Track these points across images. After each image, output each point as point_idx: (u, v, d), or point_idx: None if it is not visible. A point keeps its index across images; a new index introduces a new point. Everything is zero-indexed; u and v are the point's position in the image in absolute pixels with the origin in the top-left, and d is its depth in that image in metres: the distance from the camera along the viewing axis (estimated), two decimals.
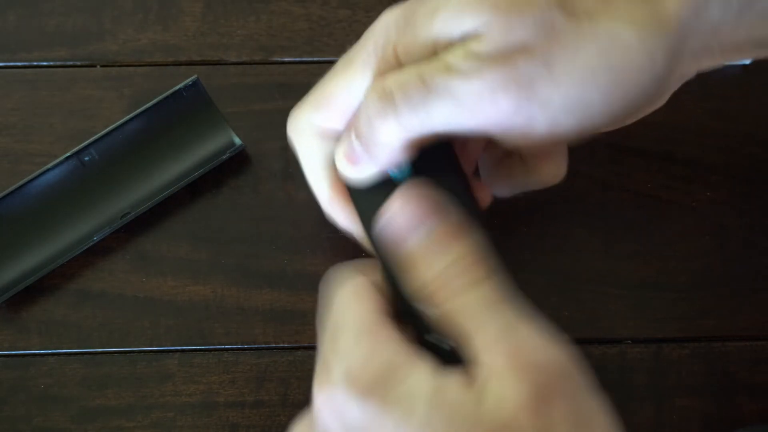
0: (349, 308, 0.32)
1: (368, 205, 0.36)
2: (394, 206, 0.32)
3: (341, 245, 0.45)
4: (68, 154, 0.44)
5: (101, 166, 0.45)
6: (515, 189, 0.40)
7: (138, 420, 0.43)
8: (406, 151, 0.35)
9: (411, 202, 0.32)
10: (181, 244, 0.45)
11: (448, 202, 0.33)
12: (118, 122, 0.45)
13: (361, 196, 0.37)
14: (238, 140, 0.46)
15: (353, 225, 0.38)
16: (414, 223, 0.32)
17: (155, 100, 0.45)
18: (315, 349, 0.44)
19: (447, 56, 0.33)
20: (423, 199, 0.32)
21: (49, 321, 0.44)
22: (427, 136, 0.34)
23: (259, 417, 0.43)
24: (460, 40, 0.33)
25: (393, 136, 0.34)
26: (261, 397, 0.43)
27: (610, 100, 0.34)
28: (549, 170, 0.38)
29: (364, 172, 0.36)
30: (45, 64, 0.48)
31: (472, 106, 0.33)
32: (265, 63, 0.48)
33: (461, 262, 0.31)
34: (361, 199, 0.37)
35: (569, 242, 0.45)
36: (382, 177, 0.36)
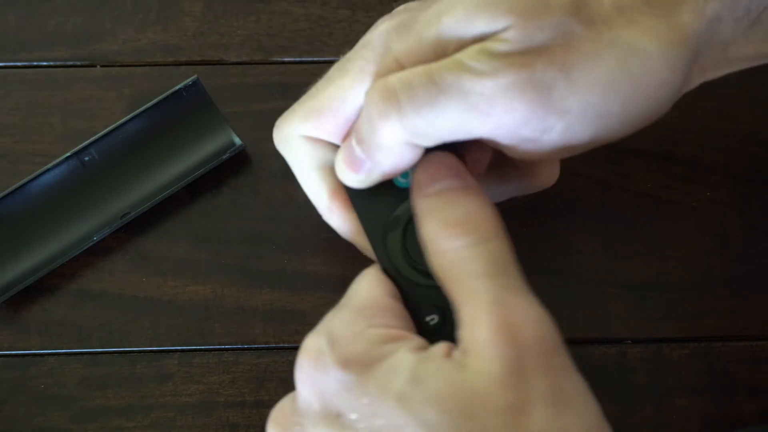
0: (360, 287, 0.33)
1: (370, 210, 0.35)
2: (421, 164, 0.33)
3: (341, 245, 0.44)
4: (68, 154, 0.44)
5: (101, 166, 0.45)
6: (506, 194, 0.39)
7: (138, 420, 0.43)
8: (411, 156, 0.33)
9: (440, 162, 0.33)
10: (181, 244, 0.45)
11: (466, 170, 0.33)
12: (118, 122, 0.45)
13: (362, 201, 0.36)
14: (238, 140, 0.46)
15: (353, 232, 0.37)
16: (434, 179, 0.33)
17: (155, 100, 0.45)
18: None
19: (459, 55, 0.32)
20: (450, 163, 0.33)
21: (49, 321, 0.44)
22: (431, 142, 0.33)
23: (259, 417, 0.43)
24: (471, 43, 0.32)
25: (395, 139, 0.33)
26: (261, 397, 0.43)
27: (629, 110, 0.33)
28: (542, 174, 0.38)
29: (366, 179, 0.35)
30: (45, 64, 0.48)
31: (484, 109, 0.32)
32: (265, 63, 0.48)
33: (468, 217, 0.31)
34: (362, 205, 0.36)
35: (569, 242, 0.45)
36: (385, 182, 0.35)
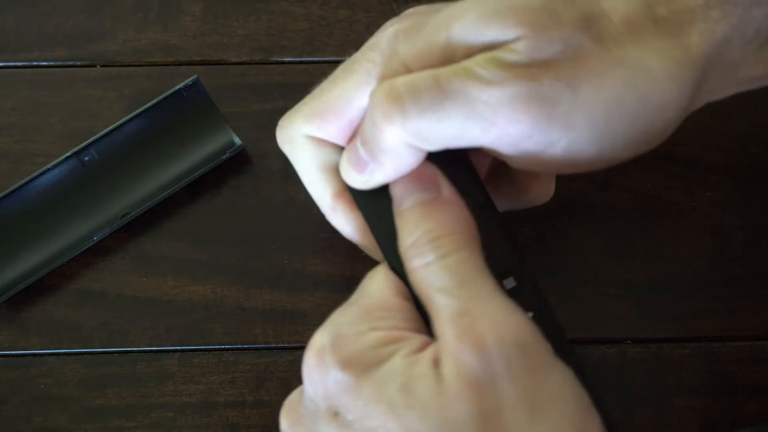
0: (371, 285, 0.33)
1: (375, 211, 0.35)
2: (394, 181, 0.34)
3: (341, 245, 0.44)
4: (68, 154, 0.44)
5: (101, 166, 0.45)
6: (499, 207, 0.38)
7: (138, 420, 0.43)
8: (414, 159, 0.33)
9: (413, 173, 0.33)
10: (181, 244, 0.45)
11: (444, 179, 0.33)
12: (118, 122, 0.45)
13: (367, 201, 0.35)
14: (238, 140, 0.46)
15: (356, 233, 0.37)
16: (408, 191, 0.33)
17: (155, 100, 0.45)
18: None
19: (467, 62, 0.32)
20: (421, 173, 0.33)
21: (49, 321, 0.44)
22: (434, 146, 0.33)
23: (259, 417, 0.43)
24: (480, 50, 0.32)
25: (398, 142, 0.32)
26: (261, 397, 0.43)
27: (634, 129, 0.33)
28: (537, 190, 0.38)
29: (370, 180, 0.34)
30: (45, 64, 0.48)
31: (488, 117, 0.31)
32: (265, 63, 0.48)
33: (431, 233, 0.32)
34: (367, 205, 0.36)
35: (569, 242, 0.45)
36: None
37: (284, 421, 0.34)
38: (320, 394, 0.31)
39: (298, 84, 0.39)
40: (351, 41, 0.45)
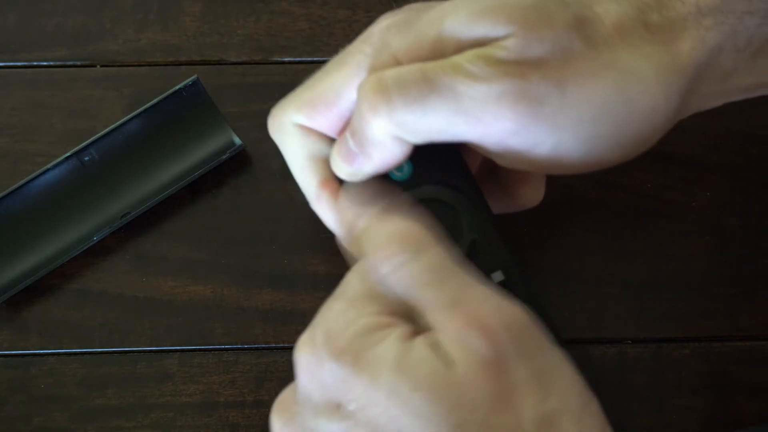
0: (353, 277, 0.33)
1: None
2: (345, 192, 0.35)
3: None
4: (68, 154, 0.44)
5: (101, 166, 0.45)
6: None
7: (138, 420, 0.43)
8: (400, 151, 0.34)
9: (357, 194, 0.34)
10: (181, 244, 0.45)
11: (387, 188, 0.34)
12: (118, 122, 0.45)
13: None
14: (238, 140, 0.46)
15: (342, 226, 0.37)
16: (361, 210, 0.33)
17: (155, 100, 0.45)
18: None
19: (456, 57, 0.32)
20: (367, 186, 0.34)
21: (49, 321, 0.44)
22: (419, 139, 0.33)
23: (259, 417, 0.43)
24: (470, 46, 0.32)
25: (384, 133, 0.33)
26: (261, 397, 0.43)
27: (621, 134, 0.33)
28: (526, 194, 0.38)
29: (359, 172, 0.35)
30: (45, 64, 0.48)
31: (474, 113, 0.32)
32: (265, 63, 0.48)
33: (396, 237, 0.31)
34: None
35: (569, 242, 0.45)
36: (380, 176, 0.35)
37: (277, 421, 0.33)
38: (317, 389, 0.31)
39: (298, 84, 0.39)
40: (351, 41, 0.44)
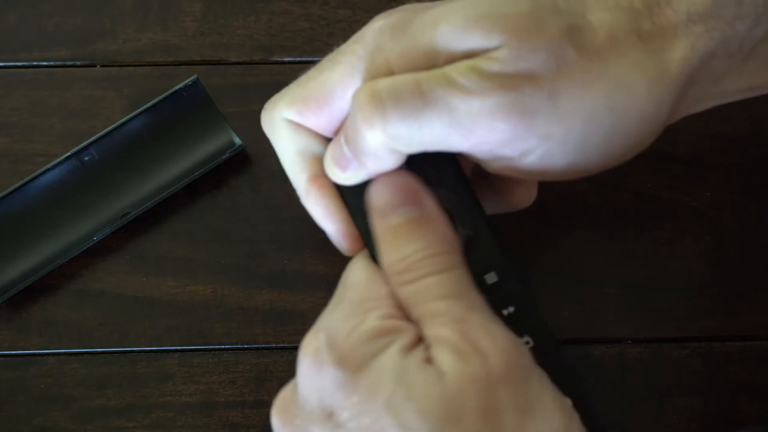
0: (353, 277, 0.33)
1: (358, 203, 0.35)
2: (379, 182, 0.34)
3: None
4: (68, 154, 0.44)
5: (101, 166, 0.45)
6: None
7: (138, 420, 0.43)
8: (394, 160, 0.34)
9: (397, 184, 0.33)
10: (181, 244, 0.45)
11: (429, 195, 0.33)
12: (118, 122, 0.45)
13: (350, 193, 0.36)
14: (238, 140, 0.46)
15: (327, 219, 0.37)
16: (395, 204, 0.33)
17: (155, 100, 0.45)
18: None
19: (449, 69, 0.32)
20: (406, 185, 0.33)
21: (49, 321, 0.44)
22: (413, 150, 0.33)
23: (259, 417, 0.43)
24: (463, 56, 0.32)
25: (378, 144, 0.33)
26: (261, 397, 0.43)
27: (609, 143, 0.33)
28: (518, 195, 0.38)
29: (353, 178, 0.35)
30: (45, 64, 0.48)
31: (468, 126, 0.32)
32: (265, 63, 0.48)
33: (428, 251, 0.32)
34: (350, 197, 0.36)
35: (569, 242, 0.45)
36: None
37: (276, 421, 0.33)
38: (314, 394, 0.31)
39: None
40: None
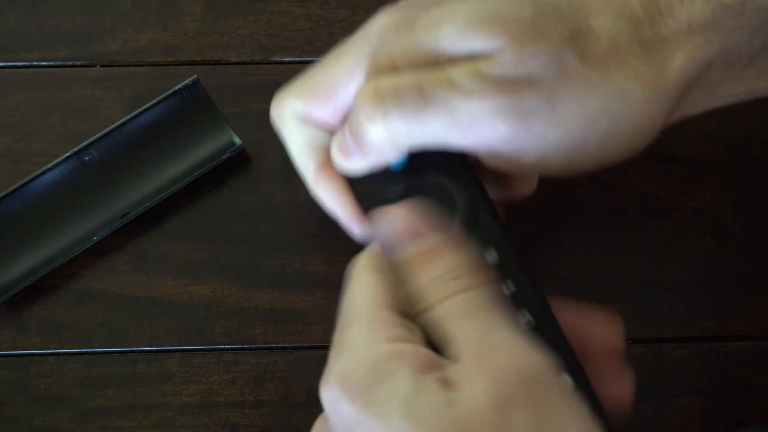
0: (358, 303, 0.33)
1: (365, 190, 0.37)
2: (396, 217, 0.33)
3: (341, 245, 0.44)
4: (68, 154, 0.44)
5: (101, 166, 0.45)
6: None
7: (138, 420, 0.43)
8: (396, 153, 0.35)
9: (417, 212, 0.33)
10: (181, 244, 0.45)
11: (447, 218, 0.34)
12: (118, 122, 0.45)
13: (357, 181, 0.37)
14: (238, 140, 0.46)
15: (336, 206, 0.38)
16: (419, 231, 0.33)
17: (155, 100, 0.45)
18: (315, 349, 0.44)
19: (451, 70, 0.33)
20: (420, 215, 0.33)
21: (49, 321, 0.44)
22: (414, 146, 0.34)
23: (259, 417, 0.43)
24: (465, 57, 0.33)
25: (380, 140, 0.34)
26: (261, 397, 0.43)
27: (604, 148, 0.34)
28: (519, 186, 0.38)
29: (357, 167, 0.36)
30: (45, 64, 0.48)
31: (468, 126, 0.33)
32: (265, 63, 0.48)
33: (451, 272, 0.32)
34: (357, 185, 0.37)
35: (569, 242, 0.45)
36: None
37: None
38: (339, 426, 0.31)
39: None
40: None
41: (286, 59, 0.49)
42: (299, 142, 0.38)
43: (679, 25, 0.33)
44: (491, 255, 0.34)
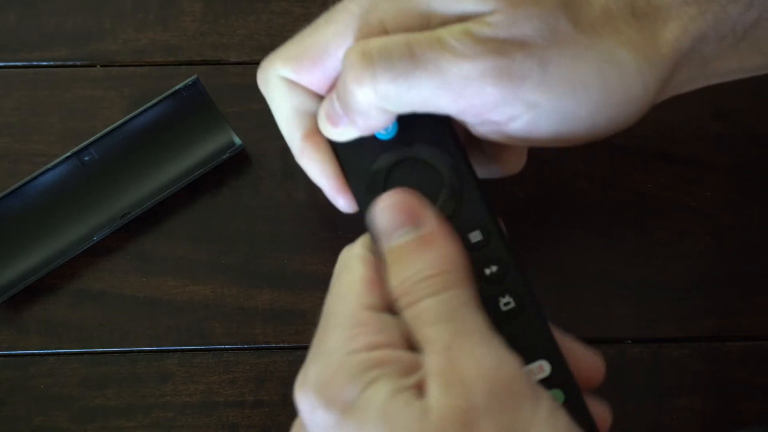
0: (340, 304, 0.32)
1: (352, 161, 0.36)
2: (379, 205, 0.33)
3: (341, 245, 0.44)
4: (68, 154, 0.44)
5: (101, 166, 0.45)
6: None
7: (138, 420, 0.43)
8: (384, 119, 0.34)
9: (396, 205, 0.33)
10: (181, 244, 0.45)
11: (430, 209, 0.33)
12: (118, 122, 0.45)
13: (344, 151, 0.36)
14: (238, 140, 0.46)
15: (322, 176, 0.37)
16: (394, 226, 0.32)
17: (155, 100, 0.45)
18: None
19: (442, 32, 0.32)
20: (406, 205, 0.32)
21: (49, 321, 0.44)
22: (402, 110, 0.33)
23: (259, 417, 0.43)
24: (456, 19, 0.33)
25: (368, 103, 0.33)
26: (261, 397, 0.43)
27: (595, 116, 0.34)
28: (507, 160, 0.38)
29: (344, 134, 0.35)
30: (45, 64, 0.48)
31: (457, 89, 0.32)
32: None
33: (425, 272, 0.31)
34: (344, 154, 0.36)
35: (569, 242, 0.45)
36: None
37: None
38: (314, 431, 0.31)
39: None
40: None
41: None
42: (285, 108, 0.37)
43: None
44: (475, 234, 0.34)
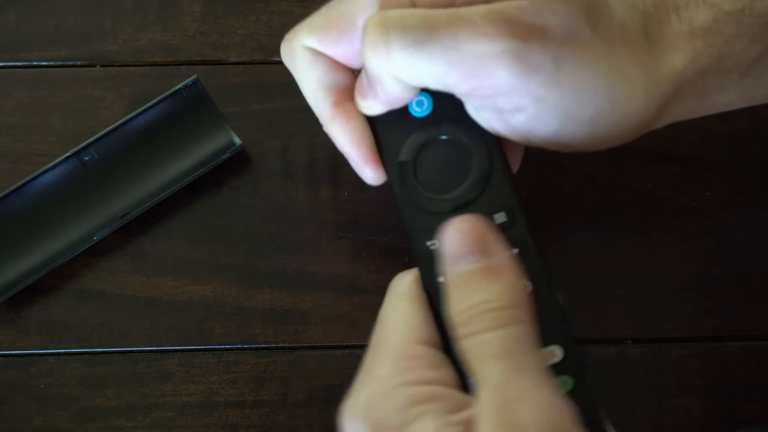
0: (392, 334, 0.32)
1: (386, 134, 0.36)
2: (450, 228, 0.32)
3: (341, 245, 0.45)
4: (68, 154, 0.44)
5: (101, 166, 0.45)
6: None
7: (138, 420, 0.43)
8: (401, 90, 0.34)
9: (468, 231, 0.32)
10: (181, 244, 0.45)
11: (501, 240, 0.32)
12: (118, 122, 0.45)
13: (380, 124, 0.37)
14: (238, 140, 0.46)
15: (350, 144, 0.37)
16: (463, 252, 0.31)
17: (155, 100, 0.45)
18: (315, 349, 0.44)
19: (467, 9, 0.33)
20: (478, 232, 0.32)
21: (49, 321, 0.44)
22: (413, 83, 0.34)
23: (259, 417, 0.43)
24: (483, 1, 0.33)
25: (382, 72, 0.33)
26: (261, 397, 0.43)
27: (596, 123, 0.34)
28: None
29: (372, 107, 0.36)
30: (45, 64, 0.48)
31: (469, 67, 0.32)
32: (265, 63, 0.48)
33: (490, 304, 0.30)
34: (380, 127, 0.37)
35: (570, 242, 0.45)
36: (402, 111, 0.36)
37: None
38: None
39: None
40: None
41: None
42: (312, 78, 0.37)
43: (682, 26, 0.34)
44: (500, 216, 0.34)
